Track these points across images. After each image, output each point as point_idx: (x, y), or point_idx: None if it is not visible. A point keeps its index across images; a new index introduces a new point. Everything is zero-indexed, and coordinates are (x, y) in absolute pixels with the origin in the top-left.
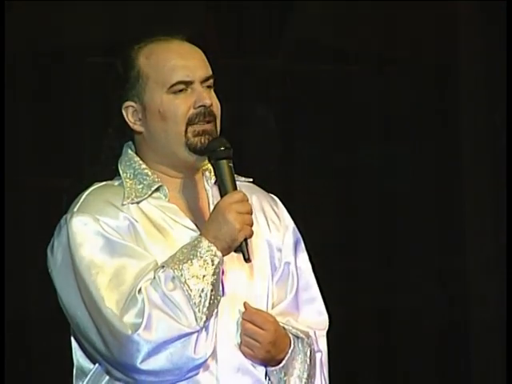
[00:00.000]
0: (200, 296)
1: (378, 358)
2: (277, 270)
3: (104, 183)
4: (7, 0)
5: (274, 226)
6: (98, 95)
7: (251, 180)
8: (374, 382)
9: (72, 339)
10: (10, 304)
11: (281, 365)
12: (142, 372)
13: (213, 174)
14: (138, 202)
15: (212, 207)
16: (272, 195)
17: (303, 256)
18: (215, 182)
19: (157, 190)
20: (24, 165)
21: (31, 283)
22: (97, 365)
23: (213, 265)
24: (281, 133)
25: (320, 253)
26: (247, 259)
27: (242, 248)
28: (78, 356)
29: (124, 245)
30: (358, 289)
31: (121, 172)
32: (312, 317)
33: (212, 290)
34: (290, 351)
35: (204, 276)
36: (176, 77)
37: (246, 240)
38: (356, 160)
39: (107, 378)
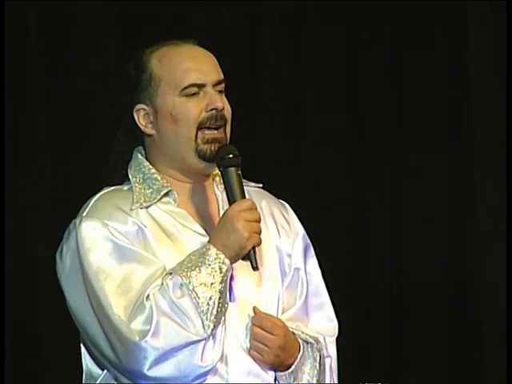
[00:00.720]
0: (208, 304)
1: (386, 351)
2: (286, 275)
3: (113, 188)
4: (7, 0)
5: (283, 231)
6: (103, 96)
7: (261, 185)
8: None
9: (81, 344)
10: (10, 304)
11: (290, 370)
12: (149, 379)
13: None
14: (146, 207)
15: (222, 212)
16: (282, 201)
17: (313, 262)
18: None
19: (166, 194)
20: (24, 165)
21: (31, 283)
22: (105, 371)
23: (221, 273)
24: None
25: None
26: (255, 267)
27: (249, 256)
28: (87, 361)
29: (132, 250)
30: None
31: (130, 177)
32: (322, 323)
33: (220, 298)
34: (299, 356)
35: (212, 284)
36: (189, 79)
37: (254, 248)
38: (368, 161)
39: None
